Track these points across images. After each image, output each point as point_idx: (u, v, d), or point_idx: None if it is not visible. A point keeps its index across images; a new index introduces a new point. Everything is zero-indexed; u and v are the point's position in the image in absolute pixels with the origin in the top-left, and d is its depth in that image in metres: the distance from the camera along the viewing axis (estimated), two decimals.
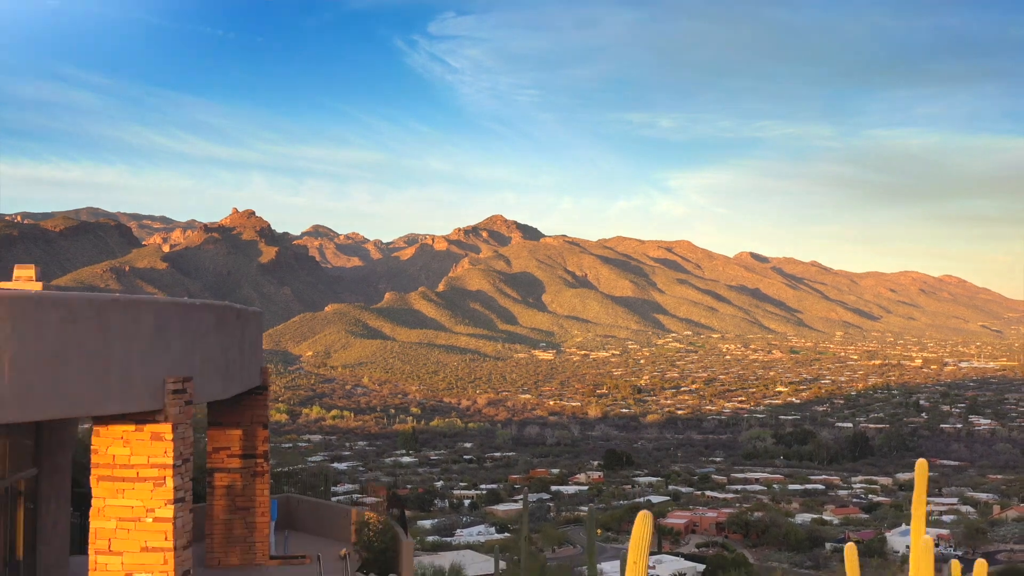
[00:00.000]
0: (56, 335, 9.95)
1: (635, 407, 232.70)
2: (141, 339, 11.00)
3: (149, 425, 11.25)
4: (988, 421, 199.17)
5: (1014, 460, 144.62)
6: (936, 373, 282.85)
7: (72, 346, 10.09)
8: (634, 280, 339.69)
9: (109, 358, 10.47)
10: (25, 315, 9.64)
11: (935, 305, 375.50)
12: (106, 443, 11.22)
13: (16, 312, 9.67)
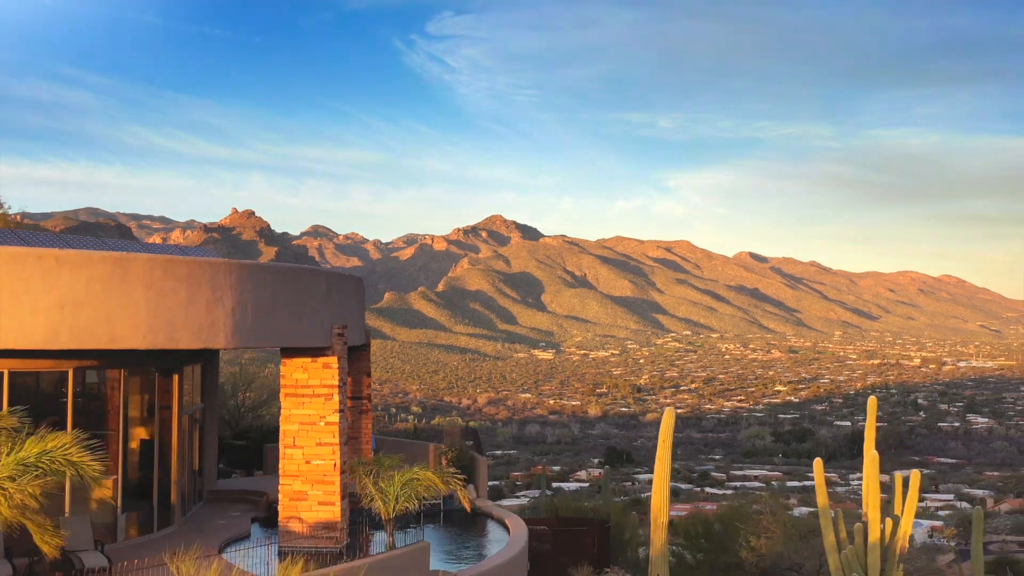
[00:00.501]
0: (271, 292, 15.12)
1: (635, 406, 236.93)
2: (319, 297, 16.19)
3: (321, 358, 16.39)
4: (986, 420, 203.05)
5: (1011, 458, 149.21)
6: (935, 372, 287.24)
7: (280, 300, 15.27)
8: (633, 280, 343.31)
9: (301, 309, 15.64)
10: (255, 277, 14.81)
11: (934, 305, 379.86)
12: (291, 371, 16.38)
13: (249, 275, 14.78)
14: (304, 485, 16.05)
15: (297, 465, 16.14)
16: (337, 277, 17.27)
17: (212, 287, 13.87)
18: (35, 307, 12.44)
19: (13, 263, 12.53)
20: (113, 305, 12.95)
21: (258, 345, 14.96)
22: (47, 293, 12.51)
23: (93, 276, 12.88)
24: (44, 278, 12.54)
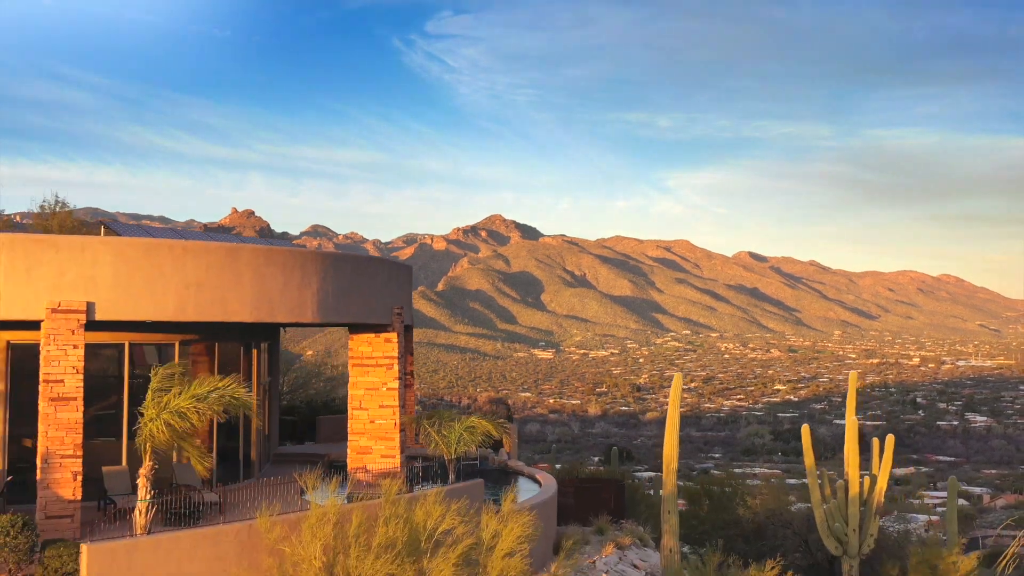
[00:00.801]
0: (347, 277, 18.27)
1: (634, 405, 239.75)
2: (382, 282, 19.36)
3: (383, 334, 19.57)
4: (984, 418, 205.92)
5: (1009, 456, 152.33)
6: (934, 371, 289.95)
7: (353, 284, 18.43)
8: (633, 280, 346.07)
9: (369, 292, 18.80)
10: (334, 265, 17.95)
11: (933, 304, 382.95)
12: (358, 344, 19.52)
13: (330, 263, 17.90)
14: (369, 441, 19.18)
15: (363, 424, 19.28)
16: (395, 266, 20.44)
17: (302, 272, 17.00)
18: (167, 288, 15.55)
19: (149, 252, 15.64)
20: (226, 286, 16.07)
21: (335, 321, 18.07)
22: (176, 276, 15.63)
23: (211, 262, 16.00)
24: (174, 264, 15.66)
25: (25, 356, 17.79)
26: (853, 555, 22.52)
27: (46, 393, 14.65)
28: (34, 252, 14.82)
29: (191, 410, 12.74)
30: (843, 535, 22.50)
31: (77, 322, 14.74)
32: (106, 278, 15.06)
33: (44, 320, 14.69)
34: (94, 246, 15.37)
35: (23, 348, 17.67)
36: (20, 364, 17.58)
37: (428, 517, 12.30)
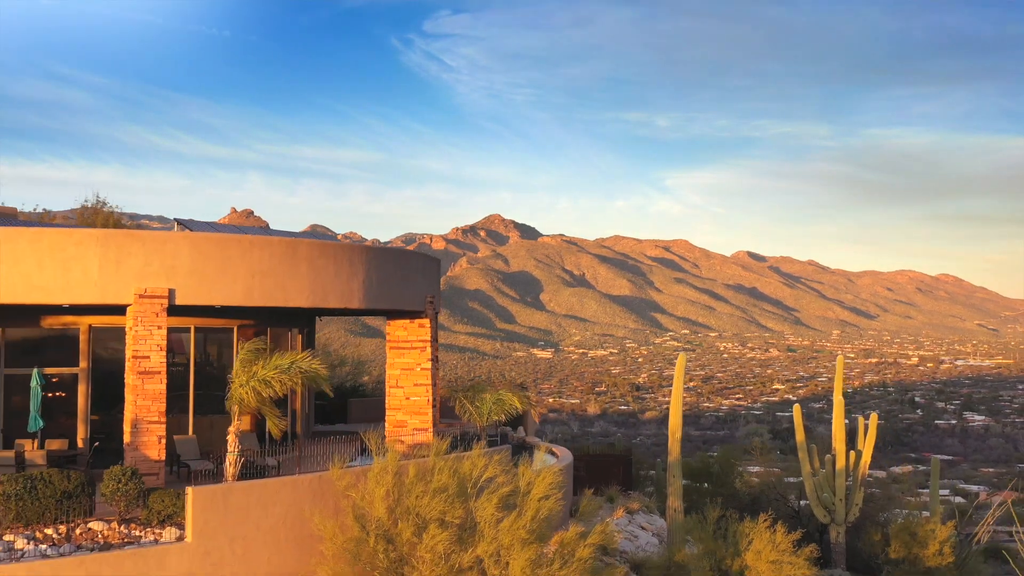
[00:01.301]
0: (389, 268, 20.67)
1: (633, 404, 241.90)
2: (417, 273, 21.77)
3: (417, 320, 21.97)
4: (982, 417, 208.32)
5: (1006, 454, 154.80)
6: (932, 371, 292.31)
7: (393, 274, 20.82)
8: (632, 279, 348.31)
9: (406, 282, 21.20)
10: (377, 257, 20.35)
11: (932, 304, 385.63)
12: (394, 329, 21.93)
13: (374, 256, 20.29)
14: (404, 416, 21.59)
15: (399, 400, 21.69)
16: (427, 259, 22.85)
17: (350, 264, 19.41)
18: (236, 276, 17.93)
19: (220, 245, 18.03)
20: (286, 275, 18.46)
21: (377, 307, 20.42)
22: (243, 266, 18.01)
23: (273, 254, 18.39)
24: (242, 255, 18.05)
25: (103, 337, 20.22)
26: (840, 523, 24.97)
27: (134, 368, 17.05)
28: (124, 245, 17.20)
29: (275, 379, 15.15)
30: (831, 504, 24.93)
31: (160, 306, 17.13)
32: (184, 268, 17.45)
33: (132, 304, 17.08)
34: (174, 240, 17.77)
35: (102, 330, 20.09)
36: (99, 344, 19.99)
37: (473, 468, 14.71)
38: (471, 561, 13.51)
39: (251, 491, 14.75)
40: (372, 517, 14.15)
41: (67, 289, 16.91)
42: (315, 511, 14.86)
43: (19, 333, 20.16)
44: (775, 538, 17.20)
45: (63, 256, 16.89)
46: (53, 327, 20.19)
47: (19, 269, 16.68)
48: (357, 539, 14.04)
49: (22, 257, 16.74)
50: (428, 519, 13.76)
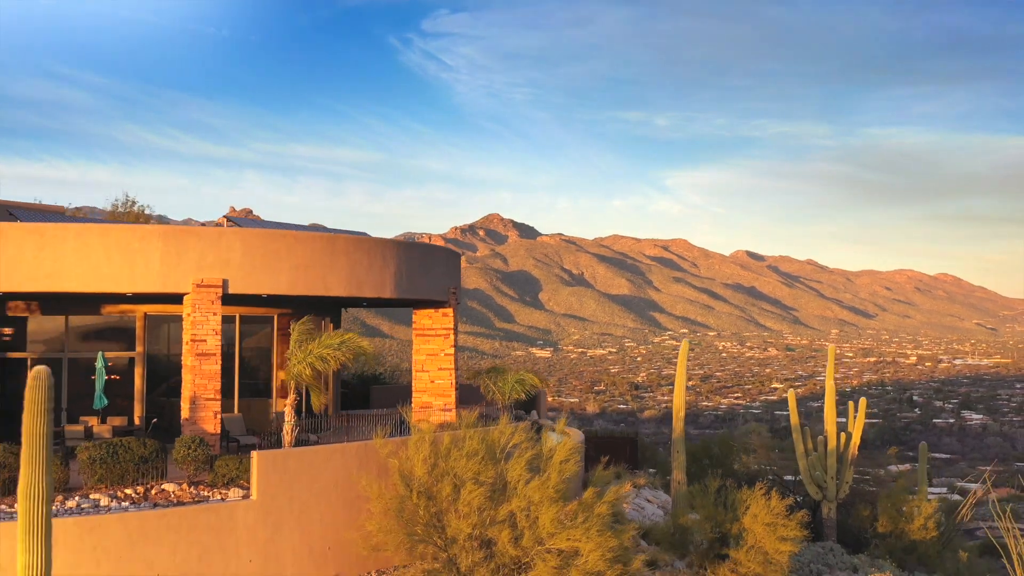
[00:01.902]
0: (416, 261, 22.69)
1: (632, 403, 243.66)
2: (441, 265, 23.77)
3: (441, 309, 23.97)
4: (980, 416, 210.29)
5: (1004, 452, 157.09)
6: (930, 370, 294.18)
7: (420, 267, 22.83)
8: (631, 278, 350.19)
9: (431, 274, 23.21)
10: (407, 251, 22.36)
11: (930, 303, 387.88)
12: (420, 318, 23.93)
13: (403, 250, 22.29)
14: (430, 398, 23.59)
15: (425, 384, 23.69)
16: (451, 253, 24.87)
17: (383, 257, 21.41)
18: (281, 268, 19.92)
19: (268, 240, 20.01)
20: (326, 267, 20.45)
21: (407, 297, 22.39)
22: (288, 259, 20.00)
23: (315, 248, 20.39)
24: (288, 249, 20.04)
25: (156, 324, 22.21)
26: (831, 499, 26.99)
27: (192, 350, 19.04)
28: (183, 240, 19.19)
29: (329, 355, 17.16)
30: (823, 482, 26.95)
31: (216, 294, 19.13)
32: (236, 260, 19.44)
33: (190, 293, 19.06)
34: (227, 235, 19.76)
35: (155, 318, 22.08)
36: (153, 331, 21.99)
37: (502, 435, 16.72)
38: (504, 515, 15.51)
39: (306, 456, 16.75)
40: (414, 478, 16.14)
41: (132, 279, 18.90)
42: (361, 475, 16.86)
43: (81, 321, 22.17)
44: (770, 504, 19.17)
45: (128, 250, 18.87)
46: (112, 315, 22.20)
47: (89, 261, 18.67)
48: (401, 497, 16.02)
49: (92, 250, 18.73)
50: (464, 479, 15.76)
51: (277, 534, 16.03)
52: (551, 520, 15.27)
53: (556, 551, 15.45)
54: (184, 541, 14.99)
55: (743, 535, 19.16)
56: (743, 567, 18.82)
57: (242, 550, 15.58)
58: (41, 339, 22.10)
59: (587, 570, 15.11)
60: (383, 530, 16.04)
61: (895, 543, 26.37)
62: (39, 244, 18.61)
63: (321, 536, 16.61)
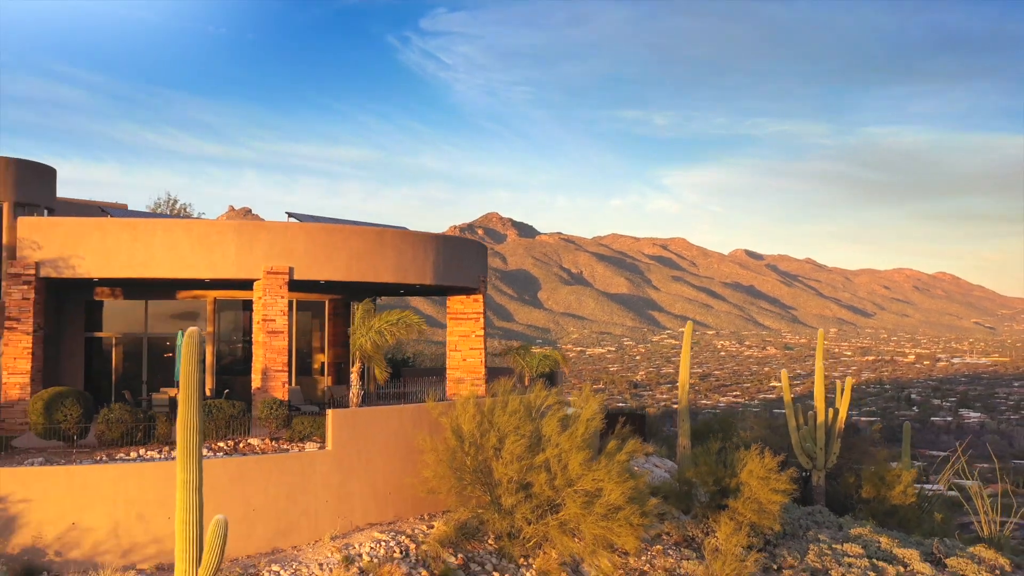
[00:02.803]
0: (452, 252, 25.88)
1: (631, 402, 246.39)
2: (472, 256, 26.97)
3: (472, 295, 27.15)
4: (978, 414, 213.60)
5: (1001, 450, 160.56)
6: (928, 368, 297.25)
7: (455, 257, 26.03)
8: (629, 277, 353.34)
9: (464, 263, 26.41)
10: (444, 243, 25.56)
11: (929, 302, 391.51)
12: (453, 303, 27.12)
13: (441, 242, 25.47)
14: (461, 374, 26.75)
15: (457, 362, 26.85)
16: (479, 246, 28.03)
17: (424, 248, 24.57)
18: (338, 257, 23.07)
19: (327, 233, 23.17)
20: (376, 256, 23.61)
21: (443, 283, 25.51)
22: (344, 249, 23.16)
23: (366, 240, 23.55)
24: (344, 241, 23.19)
25: (225, 308, 25.38)
26: (820, 468, 30.19)
27: (263, 328, 22.19)
28: (254, 233, 22.35)
29: (386, 330, 20.33)
30: (813, 453, 30.16)
31: (283, 280, 22.29)
32: (300, 250, 22.60)
33: (260, 279, 22.22)
34: (292, 228, 22.94)
35: (224, 302, 25.25)
36: (222, 314, 25.15)
37: (537, 397, 19.91)
38: (540, 462, 18.69)
39: (370, 415, 19.94)
40: (464, 432, 19.32)
41: (211, 266, 22.07)
42: (416, 432, 20.04)
43: (159, 305, 25.34)
44: (764, 461, 22.33)
45: (208, 241, 22.05)
46: (185, 300, 25.38)
47: (175, 251, 21.84)
48: (452, 448, 19.21)
49: (177, 242, 21.90)
50: (506, 432, 18.94)
51: (347, 479, 19.20)
52: (579, 464, 18.47)
53: (583, 492, 18.65)
54: (274, 482, 18.15)
55: (740, 488, 22.35)
56: (740, 516, 22.00)
57: (319, 491, 18.75)
58: (124, 321, 25.26)
59: (609, 505, 18.31)
60: (437, 476, 19.23)
61: (877, 507, 29.59)
62: (132, 236, 21.80)
63: (383, 482, 19.79)
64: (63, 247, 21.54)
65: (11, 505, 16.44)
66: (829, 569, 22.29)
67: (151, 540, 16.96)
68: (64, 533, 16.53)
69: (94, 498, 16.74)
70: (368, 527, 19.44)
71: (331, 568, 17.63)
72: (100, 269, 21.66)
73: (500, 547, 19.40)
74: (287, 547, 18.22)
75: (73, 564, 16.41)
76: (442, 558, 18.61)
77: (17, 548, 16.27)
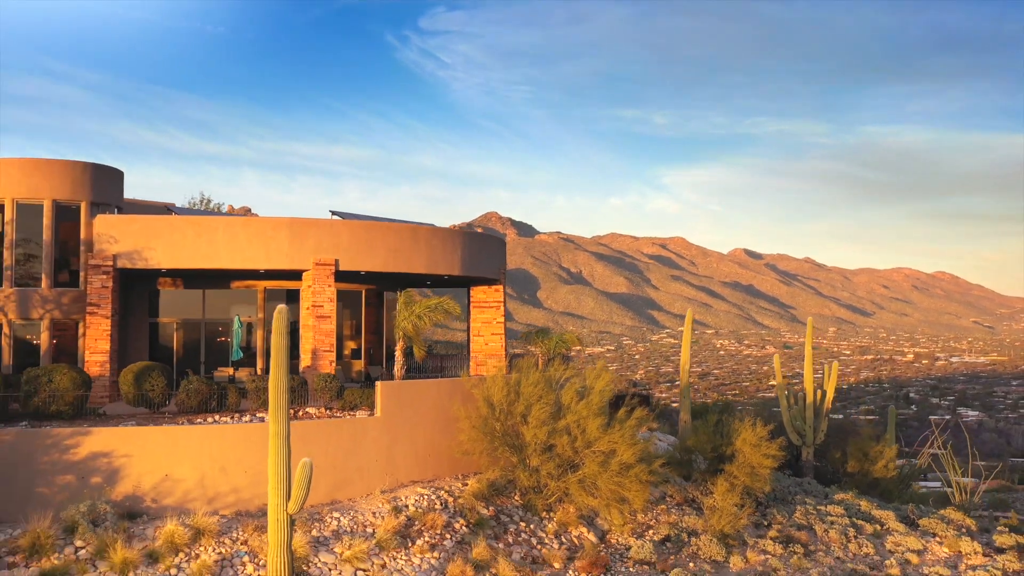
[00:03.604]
0: (476, 246, 29.07)
1: None
2: (493, 250, 30.14)
3: (493, 286, 30.32)
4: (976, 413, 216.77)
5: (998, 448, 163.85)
6: (927, 367, 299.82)
7: (479, 250, 29.22)
8: (628, 277, 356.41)
9: (487, 256, 29.59)
10: (469, 238, 28.74)
11: (928, 301, 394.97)
12: (476, 293, 30.27)
13: (467, 238, 28.59)
14: (484, 356, 29.87)
15: (480, 346, 29.98)
16: (499, 240, 31.17)
17: (452, 243, 27.70)
18: (376, 250, 26.18)
19: (368, 229, 26.29)
20: (410, 250, 26.72)
21: (469, 274, 28.62)
22: (383, 244, 26.27)
23: (403, 235, 26.66)
24: (382, 236, 26.31)
25: (273, 298, 28.49)
26: (809, 444, 33.34)
27: (313, 313, 25.30)
28: (304, 228, 25.46)
29: (426, 315, 23.46)
30: (802, 430, 33.29)
31: (330, 270, 25.40)
32: (345, 244, 25.71)
33: (310, 269, 25.33)
34: (337, 225, 26.07)
35: (272, 292, 28.37)
36: (273, 303, 28.27)
37: (556, 371, 23.05)
38: (562, 426, 21.83)
39: (413, 387, 23.08)
40: (495, 402, 22.45)
41: (267, 258, 25.19)
42: (452, 402, 23.18)
43: (215, 294, 28.48)
44: (756, 430, 25.43)
45: (264, 236, 25.18)
46: (238, 289, 28.52)
47: (235, 245, 24.97)
48: (485, 416, 22.34)
49: (237, 236, 25.04)
50: (532, 401, 22.08)
51: (394, 442, 22.33)
52: (596, 428, 21.62)
53: (600, 452, 21.78)
54: (332, 444, 21.27)
55: (735, 455, 25.48)
56: (735, 478, 25.13)
57: (370, 452, 21.88)
58: (183, 308, 28.38)
59: (622, 463, 21.45)
60: (471, 440, 22.37)
61: (861, 480, 32.75)
62: (197, 232, 24.94)
63: (424, 445, 22.92)
64: (137, 241, 24.66)
65: (115, 459, 19.57)
66: (813, 526, 25.45)
67: (231, 490, 20.09)
68: (159, 483, 19.65)
69: (184, 454, 19.86)
70: (411, 484, 22.58)
71: (383, 516, 20.76)
72: (169, 260, 24.78)
73: (526, 502, 22.54)
74: (344, 499, 21.34)
75: (167, 509, 19.53)
76: (476, 510, 21.74)
77: (120, 495, 19.38)
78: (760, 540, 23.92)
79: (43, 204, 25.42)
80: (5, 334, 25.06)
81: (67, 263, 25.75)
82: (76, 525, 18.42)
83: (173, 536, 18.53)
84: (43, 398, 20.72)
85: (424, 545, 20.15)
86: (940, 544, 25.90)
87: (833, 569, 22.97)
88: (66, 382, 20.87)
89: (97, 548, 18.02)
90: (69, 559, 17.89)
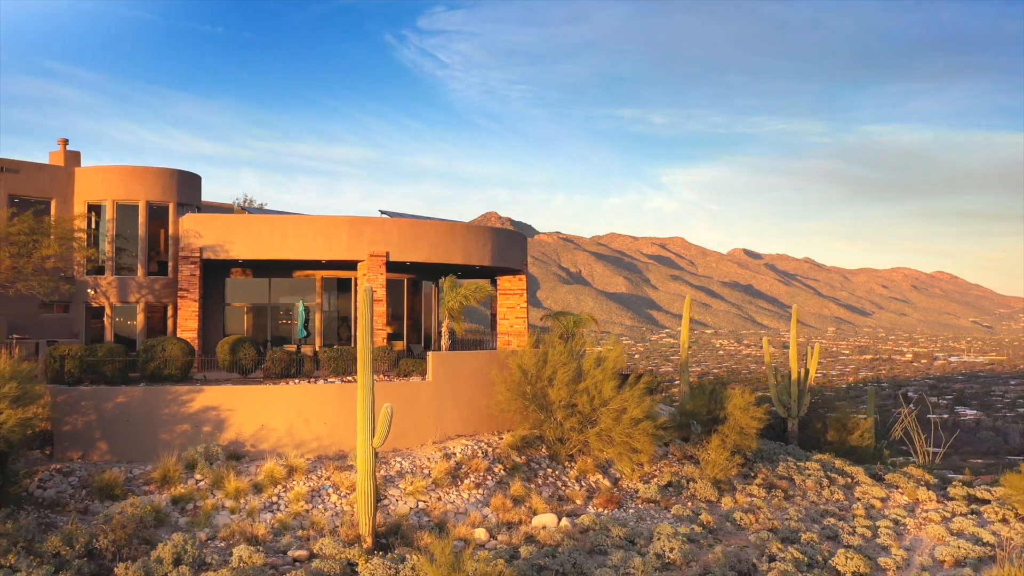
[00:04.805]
0: (503, 241, 34.05)
1: None
2: (517, 243, 35.12)
3: (516, 276, 35.32)
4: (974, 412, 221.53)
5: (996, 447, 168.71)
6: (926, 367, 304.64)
7: (505, 244, 34.18)
8: (628, 277, 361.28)
9: (511, 249, 34.58)
10: (496, 234, 33.70)
11: (927, 301, 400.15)
12: (502, 281, 35.23)
13: (495, 233, 33.49)
14: (509, 337, 34.79)
15: (506, 328, 34.91)
16: (521, 236, 36.12)
17: (484, 238, 32.60)
18: (421, 244, 31.07)
19: (413, 226, 31.19)
20: (449, 244, 31.61)
21: (496, 265, 33.43)
22: (426, 238, 31.17)
23: (441, 231, 31.56)
24: (425, 233, 31.21)
25: (329, 287, 33.41)
26: (794, 416, 38.28)
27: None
28: (360, 226, 30.35)
29: (470, 295, 28.37)
30: (787, 404, 38.23)
31: (382, 261, 30.30)
32: (394, 238, 30.61)
33: (365, 260, 30.22)
34: (388, 222, 30.98)
35: (328, 280, 33.29)
36: (328, 290, 33.20)
37: (578, 344, 27.98)
38: (582, 388, 26.75)
39: (458, 356, 28.00)
40: (527, 369, 27.36)
41: (328, 251, 30.09)
42: (490, 368, 28.11)
43: (279, 282, 33.39)
44: (745, 396, 30.35)
45: (326, 232, 30.09)
46: (299, 278, 33.43)
47: (302, 240, 29.89)
48: (518, 380, 27.25)
49: (304, 232, 29.96)
50: (557, 367, 27.00)
51: (442, 403, 27.23)
52: (610, 388, 26.56)
53: (614, 410, 26.70)
54: (394, 402, 26.10)
55: (727, 418, 30.40)
56: (726, 437, 30.04)
57: (423, 411, 26.77)
58: (252, 294, 33.28)
59: (633, 418, 26.37)
60: (507, 400, 27.28)
61: (840, 447, 37.69)
62: (270, 229, 29.84)
63: (467, 405, 27.83)
64: (219, 236, 29.55)
65: (221, 412, 24.44)
66: (793, 477, 30.41)
67: (313, 437, 24.97)
68: (256, 431, 24.53)
69: (276, 408, 24.74)
70: (457, 436, 27.50)
71: (436, 461, 25.67)
72: (247, 252, 29.68)
73: (552, 452, 27.47)
74: (403, 448, 26.25)
75: (264, 452, 24.41)
76: (511, 458, 26.65)
77: (226, 441, 24.26)
78: (747, 486, 28.89)
79: (139, 205, 30.32)
80: (107, 315, 29.96)
81: (157, 255, 30.65)
82: (195, 462, 23.31)
83: (272, 472, 23.41)
84: (157, 364, 25.57)
85: (470, 484, 25.04)
86: (901, 494, 30.90)
87: (808, 510, 27.94)
88: (176, 351, 25.74)
89: (213, 480, 22.89)
90: (192, 488, 22.77)
